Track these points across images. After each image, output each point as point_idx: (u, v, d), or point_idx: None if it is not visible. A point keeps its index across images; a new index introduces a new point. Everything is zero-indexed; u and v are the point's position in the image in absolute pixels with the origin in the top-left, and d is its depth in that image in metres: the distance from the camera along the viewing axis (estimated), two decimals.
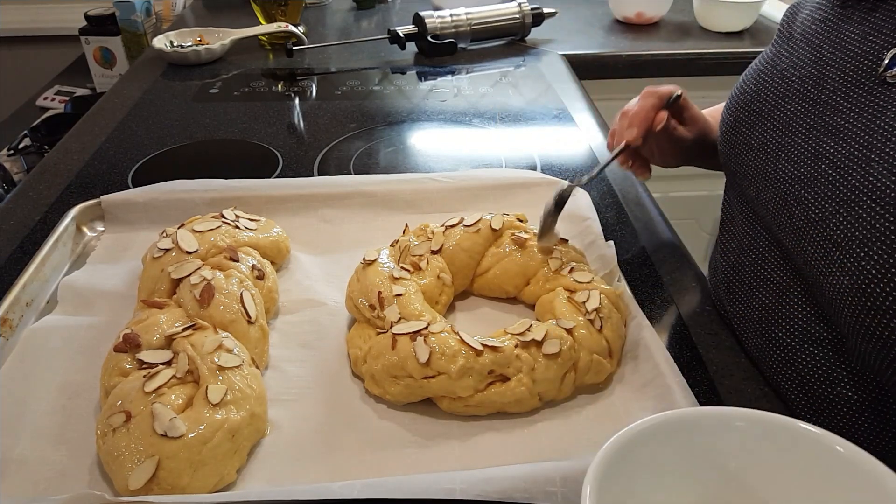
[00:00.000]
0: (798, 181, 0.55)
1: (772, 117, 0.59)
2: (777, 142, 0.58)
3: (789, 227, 0.55)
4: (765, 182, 0.59)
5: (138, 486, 0.45)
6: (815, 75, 0.57)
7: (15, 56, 2.21)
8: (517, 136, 1.03)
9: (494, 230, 0.67)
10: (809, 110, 0.56)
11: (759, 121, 0.61)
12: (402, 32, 1.33)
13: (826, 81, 0.55)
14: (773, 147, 0.58)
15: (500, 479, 0.45)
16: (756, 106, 0.62)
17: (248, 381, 0.52)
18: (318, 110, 1.12)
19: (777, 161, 0.57)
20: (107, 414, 0.49)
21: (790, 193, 0.55)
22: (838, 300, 0.50)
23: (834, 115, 0.53)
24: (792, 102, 0.58)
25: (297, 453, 0.51)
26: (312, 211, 0.78)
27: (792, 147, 0.56)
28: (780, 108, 0.59)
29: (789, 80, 0.59)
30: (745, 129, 0.62)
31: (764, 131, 0.60)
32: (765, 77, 0.62)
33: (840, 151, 0.52)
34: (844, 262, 0.49)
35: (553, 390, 0.54)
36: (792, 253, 0.56)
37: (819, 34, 0.58)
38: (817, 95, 0.56)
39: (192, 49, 1.30)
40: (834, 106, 0.54)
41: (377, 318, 0.59)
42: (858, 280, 0.48)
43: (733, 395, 0.57)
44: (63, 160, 0.95)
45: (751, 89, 0.63)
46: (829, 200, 0.52)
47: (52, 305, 0.65)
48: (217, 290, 0.59)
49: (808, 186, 0.54)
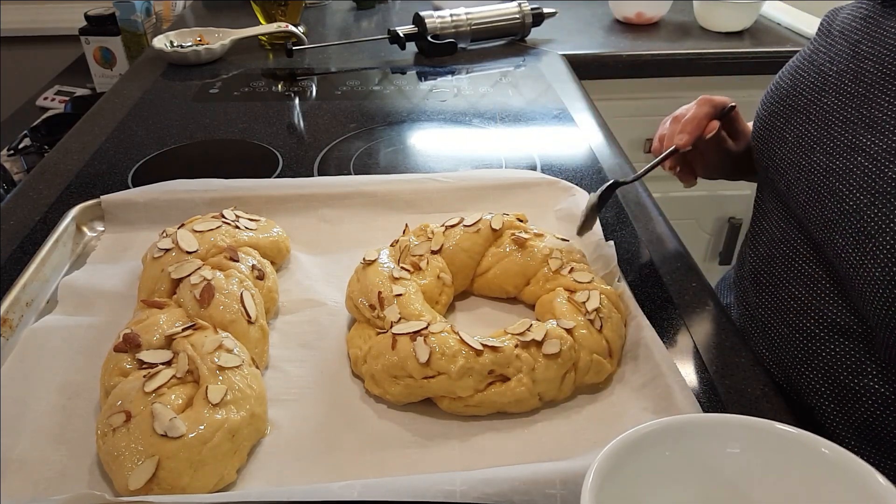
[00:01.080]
0: (833, 173, 0.55)
1: (808, 111, 0.60)
2: (812, 134, 0.58)
3: (821, 219, 0.55)
4: (798, 174, 0.59)
5: (138, 486, 0.45)
6: (853, 69, 0.57)
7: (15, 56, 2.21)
8: (517, 136, 1.03)
9: (494, 230, 0.67)
10: (846, 103, 0.56)
11: (794, 114, 0.61)
12: (402, 32, 1.33)
13: (864, 75, 0.56)
14: (807, 140, 0.59)
15: (500, 480, 0.45)
16: (792, 100, 0.62)
17: (248, 381, 0.52)
18: (318, 110, 1.12)
19: (812, 154, 0.58)
20: (107, 414, 0.49)
21: (824, 185, 0.55)
22: (869, 292, 0.50)
23: (872, 108, 0.54)
24: (829, 96, 0.58)
25: (297, 453, 0.51)
26: (312, 211, 0.78)
27: (828, 139, 0.56)
28: (816, 101, 0.59)
29: (826, 74, 0.59)
30: (779, 123, 0.63)
31: (799, 124, 0.60)
32: (801, 72, 0.63)
33: (878, 144, 0.52)
34: (877, 253, 0.49)
35: (553, 390, 0.54)
36: (822, 245, 0.56)
37: (858, 30, 0.58)
38: (854, 89, 0.56)
39: (192, 49, 1.30)
40: (872, 99, 0.54)
41: (377, 318, 0.59)
42: (891, 272, 0.48)
43: (733, 395, 0.57)
44: (63, 160, 0.95)
45: (787, 84, 0.64)
46: (864, 192, 0.51)
47: (52, 305, 0.65)
48: (217, 290, 0.59)
49: (842, 178, 0.54)
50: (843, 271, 0.54)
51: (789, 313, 0.60)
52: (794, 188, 0.60)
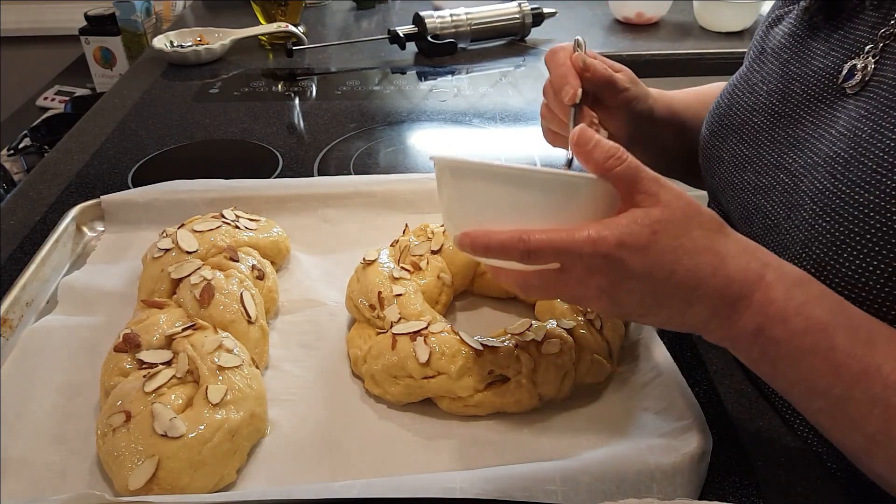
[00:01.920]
0: (759, 191, 0.57)
1: (741, 131, 0.61)
2: (744, 154, 0.60)
3: (750, 234, 0.54)
4: (732, 193, 0.61)
5: (138, 486, 0.45)
6: (781, 89, 0.58)
7: (15, 56, 2.21)
8: (517, 136, 1.03)
9: None
10: (775, 123, 0.58)
11: (730, 134, 0.62)
12: (402, 32, 1.33)
13: (791, 95, 0.57)
14: (740, 159, 0.60)
15: (500, 478, 0.45)
16: (728, 120, 0.63)
17: (248, 381, 0.52)
18: (318, 110, 1.12)
19: (743, 172, 0.60)
20: (107, 414, 0.49)
21: (751, 203, 0.58)
22: None
23: (796, 128, 0.55)
24: (759, 116, 0.60)
25: (297, 453, 0.51)
26: (312, 211, 0.78)
27: (757, 159, 0.58)
28: (748, 121, 0.61)
29: (758, 94, 0.61)
30: (718, 143, 0.64)
31: (734, 144, 0.62)
32: (737, 92, 0.64)
33: (797, 161, 0.54)
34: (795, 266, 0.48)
35: (553, 390, 0.54)
36: None
37: (787, 49, 0.60)
38: (782, 109, 0.58)
39: (192, 49, 1.30)
40: (797, 119, 0.56)
41: (377, 318, 0.59)
42: None
43: (733, 396, 0.57)
44: (63, 160, 0.95)
45: (724, 104, 0.65)
46: (781, 207, 0.54)
47: (52, 305, 0.65)
48: (217, 290, 0.59)
49: (766, 195, 0.56)
50: None
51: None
52: (730, 206, 0.61)
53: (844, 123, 0.51)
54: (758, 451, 0.52)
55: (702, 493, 0.48)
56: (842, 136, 0.50)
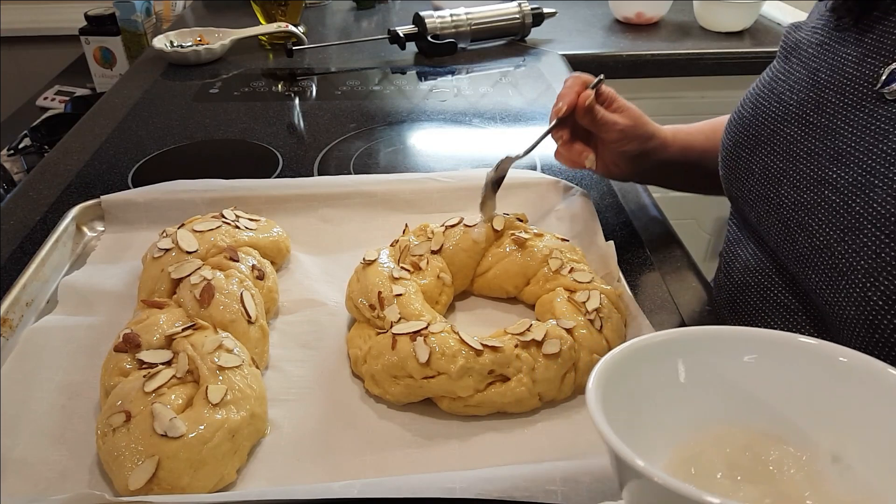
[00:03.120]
0: (801, 207, 0.54)
1: (771, 142, 0.59)
2: (778, 167, 0.57)
3: (793, 253, 0.54)
4: (767, 208, 0.58)
5: (138, 486, 0.45)
6: (814, 98, 0.56)
7: (15, 56, 2.21)
8: (517, 136, 1.03)
9: (496, 230, 0.67)
10: (810, 134, 0.55)
11: (758, 146, 0.60)
12: (402, 32, 1.33)
13: (825, 105, 0.55)
14: (774, 172, 0.58)
15: (500, 478, 0.45)
16: (754, 130, 0.61)
17: (248, 381, 0.52)
18: (318, 110, 1.12)
19: (779, 186, 0.57)
20: (107, 414, 0.49)
21: (793, 220, 0.55)
22: (845, 330, 0.49)
23: (836, 139, 0.53)
24: (791, 126, 0.57)
25: (297, 453, 0.51)
26: (312, 211, 0.78)
27: (794, 172, 0.56)
28: (779, 132, 0.58)
29: (787, 103, 0.58)
30: (745, 154, 0.62)
31: (765, 156, 0.59)
32: (762, 101, 0.62)
33: (843, 177, 0.51)
34: (850, 291, 0.48)
35: (553, 390, 0.54)
36: (798, 278, 0.55)
37: (815, 57, 0.58)
38: (817, 119, 0.55)
39: (192, 49, 1.30)
40: (835, 130, 0.53)
41: (377, 318, 0.59)
42: (865, 311, 0.47)
43: None
44: (63, 160, 0.95)
45: (749, 113, 0.63)
46: (833, 228, 0.51)
47: (52, 305, 0.65)
48: (217, 290, 0.59)
49: (811, 213, 0.53)
50: (819, 306, 0.53)
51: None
52: (764, 221, 0.59)
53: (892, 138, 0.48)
54: None
55: None
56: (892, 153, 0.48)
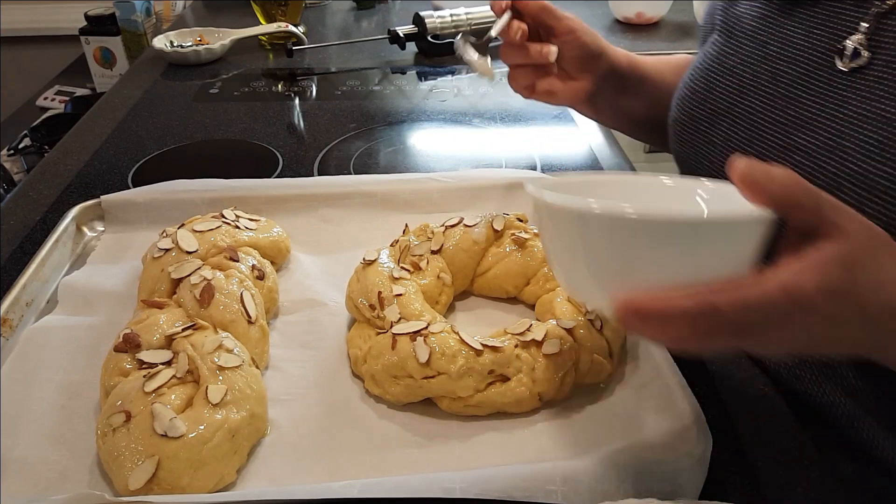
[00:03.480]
0: None
1: (731, 114, 0.62)
2: (742, 137, 0.61)
3: None
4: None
5: (138, 486, 0.45)
6: (768, 70, 0.59)
7: (15, 56, 2.21)
8: (517, 136, 1.03)
9: (496, 230, 0.67)
10: (771, 104, 0.59)
11: (717, 118, 0.63)
12: (402, 32, 1.33)
13: (781, 76, 0.58)
14: (738, 142, 0.61)
15: (500, 478, 0.45)
16: (711, 104, 0.64)
17: (248, 381, 0.52)
18: (318, 110, 1.12)
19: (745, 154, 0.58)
20: (107, 414, 0.49)
21: None
22: None
23: (798, 108, 0.56)
24: (750, 98, 0.60)
25: (297, 453, 0.51)
26: (312, 211, 0.78)
27: (760, 141, 0.59)
28: (738, 104, 0.61)
29: (741, 76, 0.62)
30: (704, 127, 0.65)
31: (726, 128, 0.62)
32: (714, 76, 0.64)
33: (812, 142, 0.55)
34: None
35: (553, 390, 0.54)
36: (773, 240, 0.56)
37: (762, 31, 0.61)
38: (775, 90, 0.59)
39: (192, 49, 1.30)
40: (795, 99, 0.57)
41: (377, 318, 0.59)
42: None
43: (733, 396, 0.57)
44: (63, 160, 0.95)
45: (702, 87, 0.65)
46: None
47: (52, 305, 0.65)
48: (217, 290, 0.59)
49: None
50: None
51: None
52: None
53: (857, 104, 0.52)
54: (758, 451, 0.52)
55: (702, 493, 0.47)
56: (862, 117, 0.51)
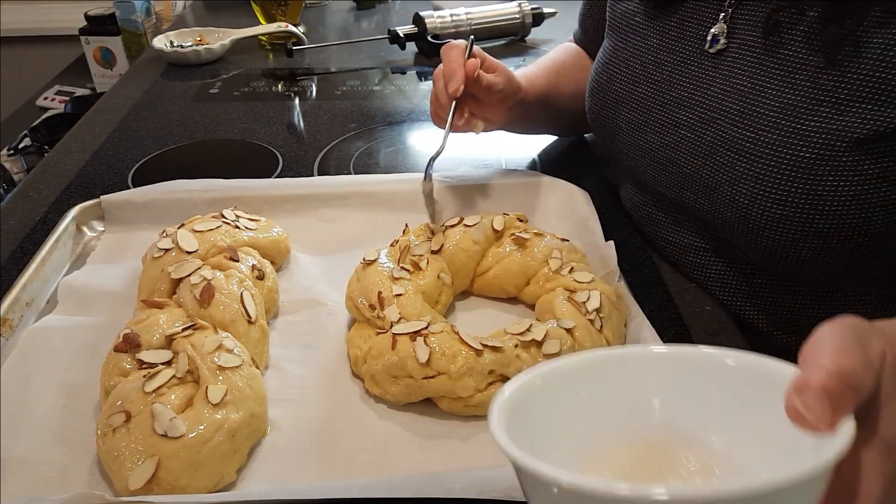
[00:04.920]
0: (666, 147, 0.68)
1: (629, 100, 0.72)
2: (639, 119, 0.71)
3: (669, 183, 0.69)
4: (639, 154, 0.72)
5: (138, 486, 0.45)
6: (652, 60, 0.70)
7: (15, 56, 2.21)
8: (517, 135, 1.03)
9: (496, 230, 0.67)
10: (657, 89, 0.69)
11: (619, 104, 0.73)
12: (402, 32, 1.33)
13: (663, 64, 0.69)
14: (637, 124, 0.71)
15: (500, 478, 0.45)
16: (613, 93, 0.74)
17: (248, 381, 0.52)
18: (318, 110, 1.12)
19: (645, 134, 0.70)
20: (107, 414, 0.49)
21: (663, 157, 0.68)
22: (728, 228, 0.64)
23: (679, 90, 0.67)
24: (641, 85, 0.71)
25: (297, 453, 0.51)
26: (312, 211, 0.78)
27: (653, 121, 0.69)
28: (633, 91, 0.71)
29: (633, 66, 0.72)
30: (610, 113, 0.75)
31: (627, 112, 0.72)
32: (613, 68, 0.74)
33: (691, 118, 0.65)
34: (722, 200, 0.63)
35: None
36: (676, 201, 0.69)
37: (643, 25, 0.71)
38: (659, 76, 0.69)
39: (192, 49, 1.30)
40: (676, 82, 0.67)
41: (377, 318, 0.59)
42: (737, 212, 0.62)
43: None
44: (63, 160, 0.95)
45: (605, 79, 0.75)
46: (694, 156, 0.65)
47: (52, 305, 0.65)
48: (217, 290, 0.59)
49: (675, 150, 0.67)
50: (701, 216, 0.67)
51: (679, 251, 0.73)
52: (640, 164, 0.72)
53: (722, 81, 0.63)
54: None
55: None
56: (726, 92, 0.62)
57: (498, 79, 0.74)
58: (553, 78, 0.88)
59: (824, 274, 0.63)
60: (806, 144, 0.57)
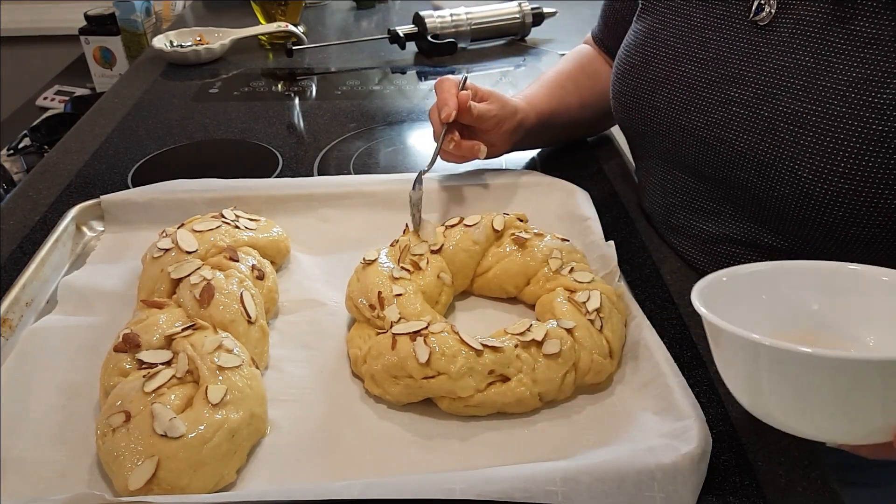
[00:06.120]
0: (715, 125, 0.66)
1: (670, 80, 0.70)
2: (683, 98, 0.69)
3: (716, 162, 0.66)
4: (682, 133, 0.69)
5: (138, 487, 0.45)
6: (697, 39, 0.68)
7: (15, 56, 2.21)
8: None
9: (496, 230, 0.67)
10: (704, 67, 0.67)
11: (658, 84, 0.71)
12: (402, 32, 1.33)
13: (708, 42, 0.67)
14: (680, 103, 0.69)
15: (500, 478, 0.45)
16: (651, 73, 0.72)
17: (248, 381, 0.52)
18: (318, 110, 1.12)
19: (688, 113, 0.68)
20: (107, 414, 0.49)
21: (711, 136, 0.66)
22: (781, 206, 0.62)
23: (728, 67, 0.65)
24: (685, 64, 0.69)
25: (297, 453, 0.51)
26: (312, 211, 0.78)
27: (699, 99, 0.67)
28: (675, 70, 0.70)
29: (674, 47, 0.70)
30: (646, 95, 0.73)
31: (668, 92, 0.70)
32: (649, 49, 0.73)
33: (745, 94, 0.63)
34: (781, 176, 0.61)
35: (553, 390, 0.54)
36: (722, 183, 0.67)
37: (684, 6, 0.70)
38: (705, 55, 0.67)
39: (192, 49, 1.30)
40: (725, 59, 0.65)
41: (377, 318, 0.59)
42: (797, 188, 0.60)
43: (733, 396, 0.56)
44: (63, 160, 0.95)
45: (639, 61, 0.74)
46: (750, 133, 0.63)
47: (52, 305, 0.65)
48: (217, 290, 0.59)
49: (724, 128, 0.65)
50: (748, 198, 0.65)
51: (706, 243, 0.72)
52: (681, 146, 0.70)
53: (778, 57, 0.61)
54: (758, 451, 0.52)
55: (702, 493, 0.48)
56: (784, 67, 0.61)
57: (490, 106, 0.77)
58: (557, 91, 0.88)
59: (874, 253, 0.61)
60: (878, 117, 0.55)
